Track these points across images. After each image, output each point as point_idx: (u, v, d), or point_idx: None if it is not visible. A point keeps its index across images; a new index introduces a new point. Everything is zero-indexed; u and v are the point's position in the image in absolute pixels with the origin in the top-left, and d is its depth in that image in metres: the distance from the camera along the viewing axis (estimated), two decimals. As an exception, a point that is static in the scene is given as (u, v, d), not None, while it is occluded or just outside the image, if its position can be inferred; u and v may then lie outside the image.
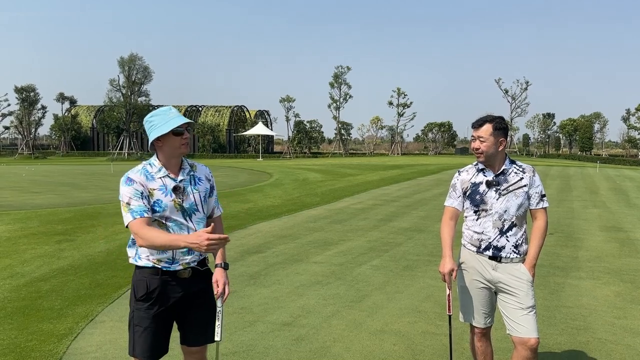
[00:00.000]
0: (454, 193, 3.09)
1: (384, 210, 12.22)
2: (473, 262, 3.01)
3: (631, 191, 18.64)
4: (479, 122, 2.96)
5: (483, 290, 3.00)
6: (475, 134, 2.96)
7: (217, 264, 2.65)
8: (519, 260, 2.92)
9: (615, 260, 7.11)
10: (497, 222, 2.90)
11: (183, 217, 2.50)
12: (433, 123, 79.80)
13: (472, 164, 3.09)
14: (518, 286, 2.88)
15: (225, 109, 67.44)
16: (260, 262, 6.85)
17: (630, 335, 4.29)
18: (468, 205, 3.02)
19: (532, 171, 2.99)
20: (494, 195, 2.92)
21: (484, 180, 2.96)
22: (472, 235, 3.00)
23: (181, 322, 2.59)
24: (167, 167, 2.52)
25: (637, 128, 73.78)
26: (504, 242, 2.90)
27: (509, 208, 2.89)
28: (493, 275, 2.93)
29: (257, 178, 23.48)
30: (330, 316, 4.68)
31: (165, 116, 2.48)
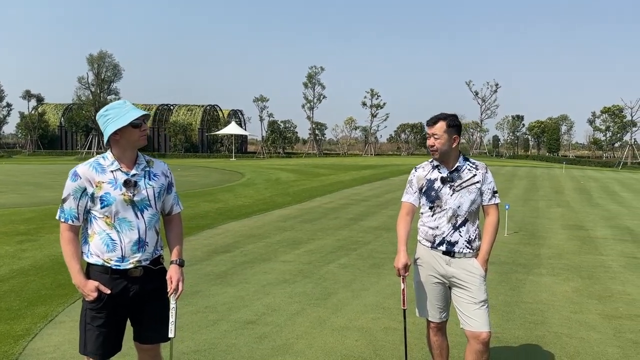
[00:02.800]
0: (410, 189, 3.14)
1: (354, 210, 12.30)
2: (428, 257, 3.06)
3: (594, 191, 19.24)
4: (433, 120, 3.02)
5: (437, 285, 3.05)
6: (430, 132, 3.02)
7: (172, 260, 2.62)
8: (472, 256, 2.99)
9: (575, 257, 7.34)
10: (451, 218, 2.96)
11: (134, 213, 2.46)
12: (406, 124, 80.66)
13: (428, 161, 3.14)
14: (471, 281, 2.94)
15: (197, 108, 66.68)
16: (228, 261, 6.81)
17: (584, 328, 4.43)
18: (424, 201, 3.07)
19: (484, 168, 3.06)
20: (448, 192, 2.98)
21: (438, 177, 3.01)
22: (427, 230, 3.05)
23: (134, 320, 2.56)
24: (121, 160, 2.50)
25: (601, 130, 76.19)
26: (457, 238, 2.96)
27: (462, 204, 2.95)
28: (447, 270, 2.99)
29: (228, 178, 23.32)
30: (295, 314, 4.70)
31: (122, 109, 2.46)
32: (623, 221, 11.29)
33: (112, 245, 2.44)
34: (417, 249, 3.17)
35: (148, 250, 2.51)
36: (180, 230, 2.72)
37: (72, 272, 2.44)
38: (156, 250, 2.57)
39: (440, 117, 3.01)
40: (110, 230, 2.44)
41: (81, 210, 2.45)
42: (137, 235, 2.46)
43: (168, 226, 2.71)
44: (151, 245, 2.53)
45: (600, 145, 78.31)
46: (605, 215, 12.35)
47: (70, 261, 2.44)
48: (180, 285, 2.56)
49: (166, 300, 2.56)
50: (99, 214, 2.44)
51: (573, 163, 54.76)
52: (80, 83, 54.67)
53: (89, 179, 2.42)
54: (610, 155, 74.99)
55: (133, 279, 2.47)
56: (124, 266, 2.45)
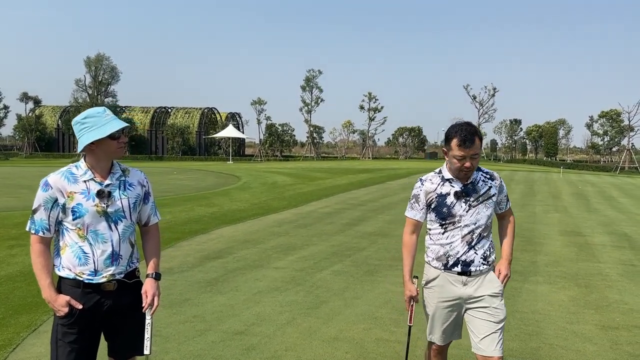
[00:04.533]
0: (416, 205, 2.82)
1: (350, 215, 12.20)
2: (440, 280, 2.77)
3: (592, 196, 19.18)
4: (471, 138, 2.60)
5: (451, 308, 2.78)
6: (469, 153, 2.61)
7: (148, 274, 2.52)
8: (489, 270, 2.76)
9: (572, 265, 7.24)
10: (466, 235, 2.69)
11: (107, 225, 2.35)
12: (403, 127, 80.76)
13: (435, 172, 2.83)
14: (489, 300, 2.69)
15: (195, 110, 66.61)
16: (220, 268, 6.70)
17: (580, 340, 4.33)
18: (433, 217, 2.77)
19: (499, 178, 2.83)
20: (463, 207, 2.69)
21: (451, 191, 2.71)
22: (437, 250, 2.76)
23: (109, 335, 2.46)
24: (94, 170, 2.39)
25: (599, 134, 76.30)
26: (473, 256, 2.70)
27: (478, 220, 2.69)
28: (463, 291, 2.72)
29: (224, 181, 23.20)
30: (285, 324, 4.59)
31: (101, 118, 2.34)
32: (621, 227, 11.21)
33: (84, 259, 2.33)
34: (426, 272, 2.87)
35: (122, 264, 2.40)
36: (157, 242, 2.61)
37: (41, 286, 2.34)
38: (131, 263, 2.47)
39: (474, 133, 2.63)
40: (83, 242, 2.33)
41: (52, 221, 2.34)
42: (111, 248, 2.36)
43: (145, 237, 2.61)
44: (125, 258, 2.42)
45: (598, 150, 78.39)
46: (603, 221, 12.27)
47: (40, 274, 2.33)
48: (155, 300, 2.46)
49: (142, 316, 2.46)
50: (71, 226, 2.33)
51: (571, 167, 54.76)
52: (77, 85, 54.69)
53: (60, 189, 2.32)
54: (608, 160, 75.05)
55: (106, 293, 2.37)
56: (96, 280, 2.34)
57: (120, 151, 2.40)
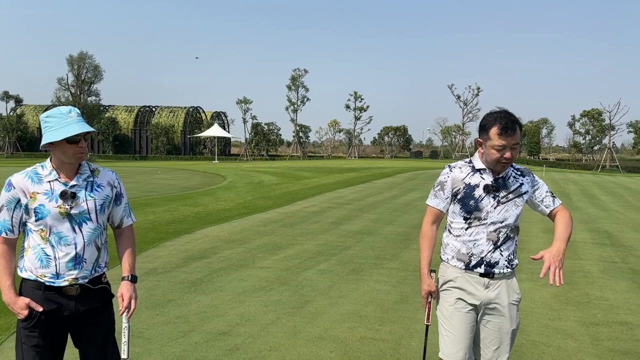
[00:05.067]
0: (441, 193, 2.57)
1: (336, 214, 12.21)
2: (460, 281, 2.53)
3: (573, 194, 19.46)
4: (512, 127, 2.41)
5: (470, 314, 2.51)
6: (511, 142, 2.42)
7: (123, 276, 2.45)
8: (512, 275, 2.56)
9: (554, 262, 7.33)
10: (492, 234, 2.47)
11: (71, 227, 2.28)
12: (389, 127, 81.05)
13: (465, 161, 2.61)
14: (508, 307, 2.51)
15: (180, 109, 66.13)
16: (204, 268, 6.65)
17: (562, 336, 4.39)
18: (457, 209, 2.54)
19: (530, 173, 2.61)
20: (491, 203, 2.47)
21: (481, 183, 2.49)
22: (459, 248, 2.53)
23: (77, 342, 2.39)
24: (60, 170, 2.31)
25: (581, 133, 77.47)
26: (498, 257, 2.48)
27: (507, 218, 2.47)
28: (485, 295, 2.49)
29: (210, 181, 23.06)
30: (270, 324, 4.57)
31: (62, 120, 2.25)
32: (602, 225, 11.38)
33: (45, 261, 2.26)
34: (442, 271, 2.62)
35: (86, 268, 2.32)
36: (131, 244, 2.54)
37: (2, 287, 2.26)
38: (98, 268, 2.38)
39: (516, 121, 2.43)
40: (45, 244, 2.26)
41: (16, 222, 2.28)
42: (74, 251, 2.28)
43: (118, 240, 2.55)
44: (90, 262, 2.34)
45: (580, 149, 79.61)
46: (585, 218, 12.45)
47: (1, 276, 2.26)
48: (132, 303, 2.40)
49: (110, 322, 2.39)
50: (34, 227, 2.26)
51: (553, 166, 55.52)
52: (60, 84, 53.91)
53: (23, 189, 2.25)
54: (590, 158, 76.25)
55: (68, 297, 2.29)
56: (58, 283, 2.27)
57: (79, 156, 2.30)
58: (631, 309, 5.20)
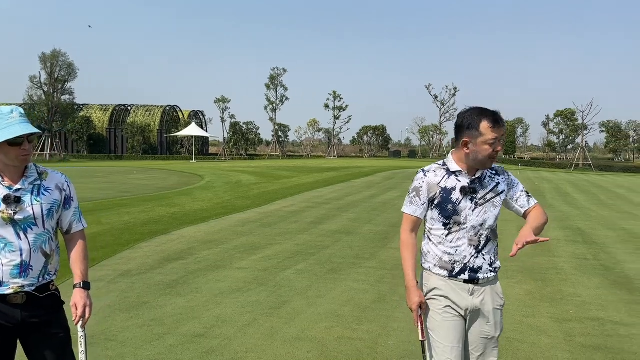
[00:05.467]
0: (417, 199, 2.47)
1: (315, 213, 12.20)
2: (445, 289, 2.44)
3: (547, 192, 19.84)
4: (502, 120, 2.36)
5: (458, 321, 2.43)
6: (500, 133, 2.36)
7: (75, 284, 2.33)
8: (495, 279, 2.51)
9: (528, 260, 7.45)
10: (473, 238, 2.40)
11: (15, 233, 2.18)
12: (368, 126, 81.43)
13: (438, 164, 2.51)
14: (493, 313, 2.46)
15: (156, 108, 65.30)
16: (180, 269, 6.56)
17: (536, 333, 4.46)
18: (435, 216, 2.44)
19: (505, 172, 2.55)
20: (469, 205, 2.40)
21: (457, 186, 2.41)
22: (440, 255, 2.44)
23: (27, 351, 2.29)
24: (4, 173, 2.20)
25: (555, 133, 79.08)
26: (481, 262, 2.41)
27: (486, 220, 2.41)
28: (470, 301, 2.42)
29: (187, 180, 22.81)
30: (247, 325, 4.53)
31: (3, 121, 2.13)
32: (575, 222, 11.63)
33: None
34: (425, 280, 2.51)
35: (32, 275, 2.22)
36: (82, 250, 2.42)
37: None
38: (46, 275, 2.28)
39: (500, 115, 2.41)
40: None
41: None
42: (19, 257, 2.18)
43: (69, 246, 2.43)
44: (37, 269, 2.24)
45: (554, 148, 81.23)
46: (558, 216, 12.70)
47: None
48: (87, 311, 2.29)
49: (62, 332, 2.29)
50: None
51: (528, 165, 56.57)
52: (32, 82, 52.59)
53: None
54: (564, 157, 77.88)
55: (13, 305, 2.19)
56: (2, 291, 2.16)
57: (23, 159, 2.19)
58: (603, 305, 5.32)
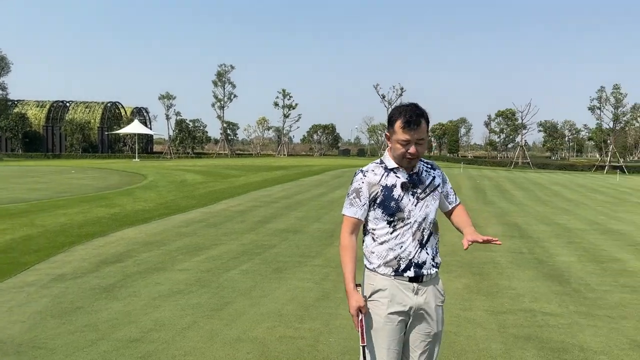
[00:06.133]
0: (357, 200, 2.42)
1: (262, 212, 12.10)
2: (390, 289, 2.39)
3: (488, 190, 20.63)
4: (416, 120, 2.32)
5: (401, 324, 2.40)
6: (415, 136, 2.34)
7: None
8: (437, 275, 2.50)
9: (467, 254, 7.70)
10: (417, 232, 2.39)
11: None
12: (318, 125, 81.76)
13: (376, 162, 2.49)
14: (435, 310, 2.45)
15: (97, 105, 62.78)
16: (118, 272, 6.31)
17: (472, 325, 4.61)
18: (379, 215, 2.41)
19: (438, 167, 2.59)
20: (411, 200, 2.39)
21: (397, 182, 2.40)
22: (385, 254, 2.40)
23: None
24: None
25: (496, 132, 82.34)
26: (425, 257, 2.41)
27: (428, 214, 2.42)
28: (414, 301, 2.39)
29: (128, 180, 22.05)
30: (186, 328, 4.41)
31: None
32: (513, 218, 12.14)
33: None
34: (368, 282, 2.46)
35: None
36: None
37: None
38: None
39: (421, 115, 2.35)
40: None
41: None
42: None
43: None
44: None
45: (496, 146, 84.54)
46: (497, 212, 13.23)
47: None
48: None
49: None
50: None
51: (471, 163, 58.63)
52: (-42, 76, 49.18)
53: None
54: (504, 156, 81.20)
55: None
56: None
57: None
58: (535, 297, 5.57)
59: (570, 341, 4.25)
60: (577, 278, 6.42)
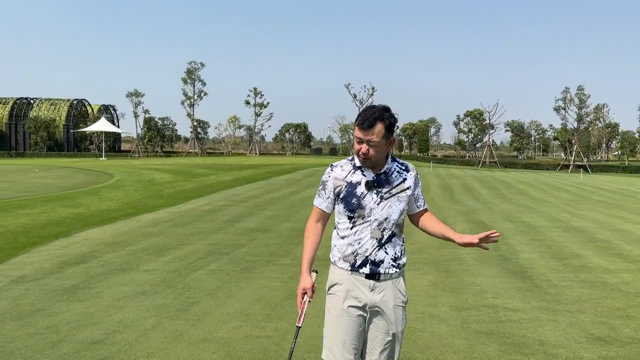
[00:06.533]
0: (323, 192, 2.54)
1: (232, 212, 12.01)
2: (347, 283, 2.46)
3: (456, 188, 21.00)
4: (370, 122, 2.36)
5: (357, 318, 2.45)
6: (365, 137, 2.37)
7: None
8: (399, 275, 2.51)
9: (434, 252, 7.83)
10: (375, 231, 2.43)
11: None
12: (290, 124, 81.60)
13: (348, 159, 2.56)
14: (394, 310, 2.47)
15: (62, 102, 61.12)
16: (81, 273, 6.17)
17: (436, 321, 4.68)
18: (341, 209, 2.48)
19: (414, 170, 2.59)
20: (374, 199, 2.43)
21: (362, 180, 2.45)
22: (344, 248, 2.47)
23: None
24: None
25: (465, 132, 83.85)
26: (383, 256, 2.44)
27: (390, 215, 2.44)
28: (370, 298, 2.43)
29: (94, 179, 21.55)
30: (150, 329, 4.34)
31: None
32: (479, 216, 12.40)
33: None
34: (330, 274, 2.54)
35: None
36: None
37: None
38: None
39: (378, 117, 2.37)
40: None
41: None
42: None
43: None
44: None
45: (464, 146, 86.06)
46: (464, 210, 13.49)
47: None
48: None
49: None
50: None
51: (440, 162, 59.54)
52: None
53: None
54: (473, 155, 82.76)
55: None
56: None
57: None
58: (498, 293, 5.70)
59: (530, 336, 4.37)
60: (539, 274, 6.61)
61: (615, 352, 4.06)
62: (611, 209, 14.77)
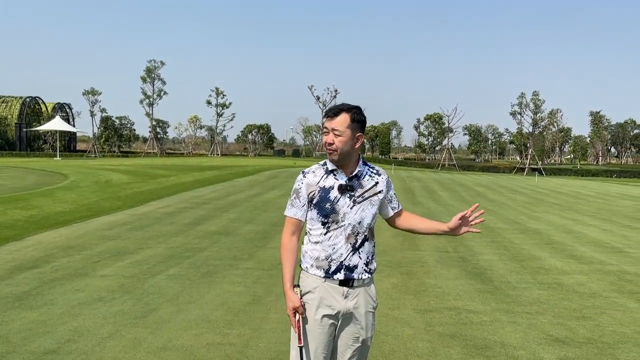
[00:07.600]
0: (297, 201, 2.48)
1: (193, 214, 11.76)
2: (320, 291, 2.43)
3: (417, 191, 21.34)
4: (334, 111, 2.43)
5: (329, 326, 2.42)
6: (329, 125, 2.42)
7: None
8: (370, 281, 2.52)
9: (397, 254, 7.90)
10: (350, 236, 2.42)
11: None
12: (253, 125, 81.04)
13: (319, 164, 2.54)
14: (365, 316, 2.47)
15: (14, 99, 58.58)
16: (34, 279, 5.88)
17: (400, 325, 4.71)
18: (314, 215, 2.45)
19: (386, 173, 2.62)
20: (347, 203, 2.42)
21: (335, 184, 2.44)
22: (317, 255, 2.44)
23: None
24: None
25: (425, 135, 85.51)
26: (356, 261, 2.44)
27: (363, 219, 2.44)
28: (343, 305, 2.42)
29: (48, 180, 20.70)
30: (107, 337, 4.17)
31: None
32: (439, 218, 12.61)
33: None
34: (302, 281, 2.49)
35: None
36: None
37: None
38: None
39: (343, 108, 2.43)
40: None
41: None
42: None
43: None
44: None
45: (424, 149, 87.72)
46: (425, 212, 13.69)
47: None
48: None
49: None
50: None
51: (401, 164, 60.49)
52: None
53: None
54: (432, 158, 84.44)
55: None
56: None
57: None
58: (459, 295, 5.79)
59: (492, 338, 4.45)
60: (498, 276, 6.76)
61: (573, 353, 4.18)
62: (565, 212, 15.34)
